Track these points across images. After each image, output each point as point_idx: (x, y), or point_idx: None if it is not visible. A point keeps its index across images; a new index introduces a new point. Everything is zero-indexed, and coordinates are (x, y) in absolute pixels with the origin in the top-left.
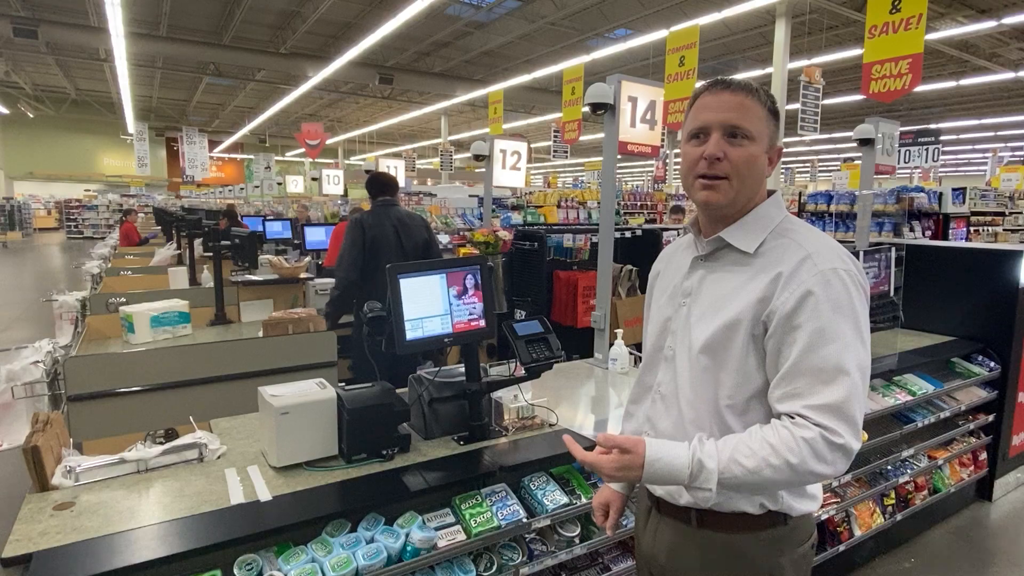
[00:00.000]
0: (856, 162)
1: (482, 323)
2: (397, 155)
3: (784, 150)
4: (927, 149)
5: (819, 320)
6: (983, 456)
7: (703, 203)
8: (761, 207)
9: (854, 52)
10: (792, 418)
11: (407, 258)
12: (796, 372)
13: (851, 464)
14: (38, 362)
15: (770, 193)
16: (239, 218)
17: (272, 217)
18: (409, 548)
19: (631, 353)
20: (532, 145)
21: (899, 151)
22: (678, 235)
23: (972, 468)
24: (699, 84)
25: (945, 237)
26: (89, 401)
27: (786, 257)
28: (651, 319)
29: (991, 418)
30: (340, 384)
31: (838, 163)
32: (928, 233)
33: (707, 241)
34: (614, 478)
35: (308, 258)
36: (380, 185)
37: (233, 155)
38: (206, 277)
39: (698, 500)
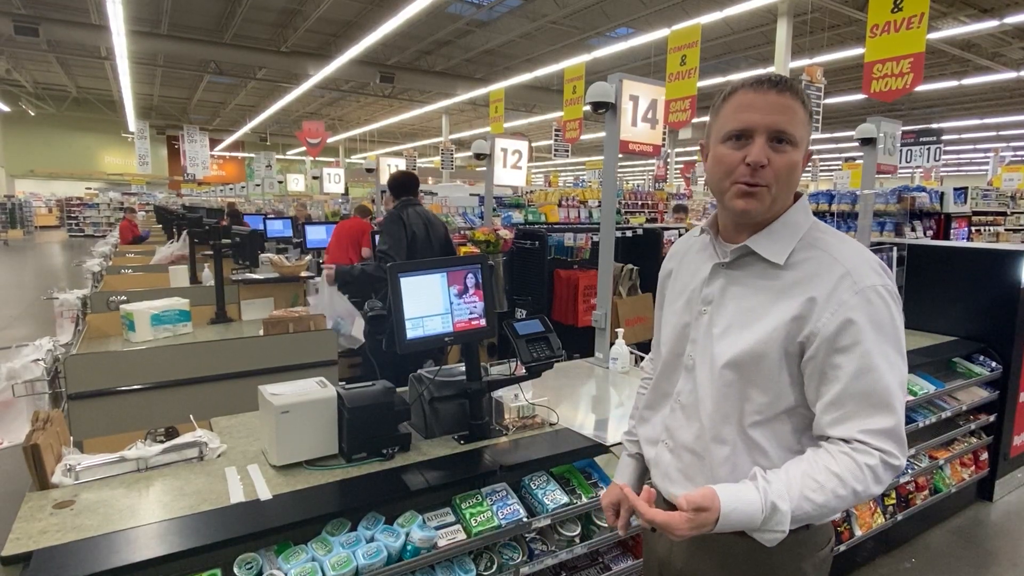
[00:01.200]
0: (857, 161)
1: (483, 322)
2: (398, 154)
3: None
4: (929, 149)
5: (865, 344)
6: (984, 456)
7: (740, 211)
8: (789, 213)
9: (856, 51)
10: (848, 443)
11: (435, 254)
12: (847, 398)
13: None
14: (39, 360)
15: (796, 197)
16: (241, 217)
17: (273, 216)
18: (409, 547)
19: (632, 352)
20: (533, 144)
21: (900, 151)
22: (679, 234)
23: (973, 468)
24: (737, 78)
25: (947, 237)
26: (89, 399)
27: (822, 273)
28: (666, 322)
29: (992, 418)
30: (340, 383)
31: (839, 162)
32: (930, 233)
33: (732, 249)
34: (687, 533)
35: (309, 257)
36: (402, 184)
37: (234, 153)
38: (207, 275)
39: (765, 541)
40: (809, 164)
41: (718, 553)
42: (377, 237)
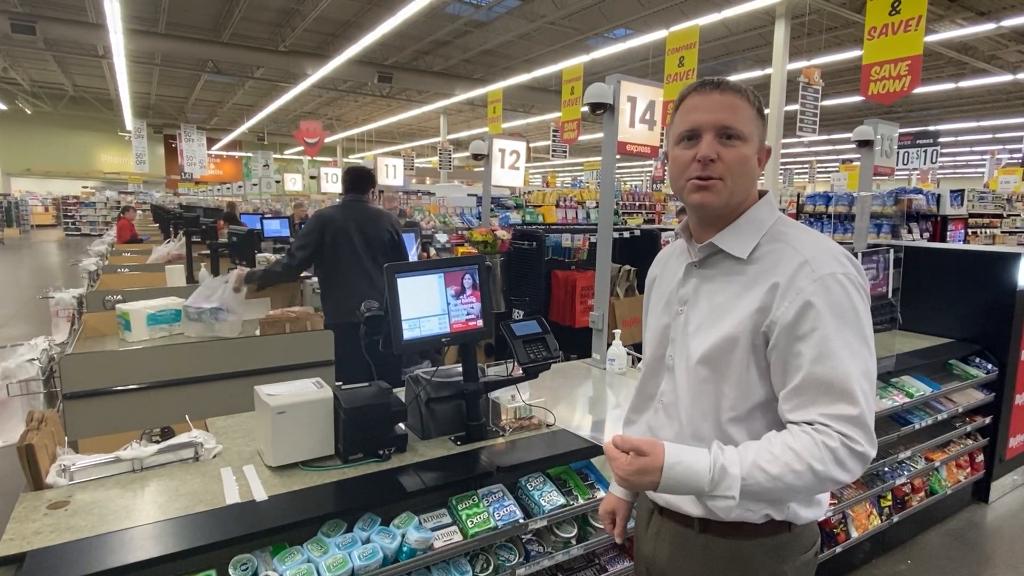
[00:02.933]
0: (855, 163)
1: (480, 323)
2: (396, 154)
3: (783, 151)
4: (926, 151)
5: (823, 330)
6: (980, 458)
7: (698, 205)
8: (752, 210)
9: (853, 53)
10: (810, 424)
11: (372, 256)
12: (807, 385)
13: None
14: (34, 360)
15: (761, 194)
16: (238, 217)
17: (270, 215)
18: (405, 549)
19: (629, 353)
20: (531, 144)
21: (898, 153)
22: (676, 237)
23: (969, 470)
24: (684, 87)
25: (943, 239)
26: (85, 399)
27: (782, 263)
28: (649, 325)
29: (988, 420)
30: (337, 383)
31: (837, 164)
32: (926, 235)
33: (699, 247)
34: (629, 481)
35: None
36: (348, 181)
37: (231, 153)
38: (203, 275)
39: (718, 510)
40: (807, 166)
41: (700, 553)
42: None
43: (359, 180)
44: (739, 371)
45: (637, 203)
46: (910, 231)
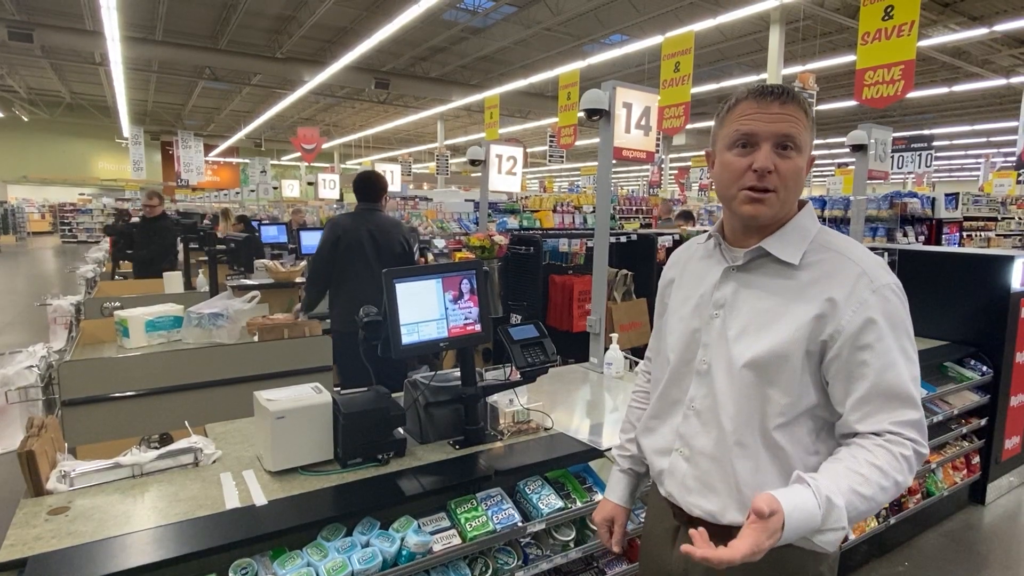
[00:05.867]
0: (850, 167)
1: (478, 327)
2: (393, 159)
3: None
4: (920, 155)
5: (887, 340)
6: (976, 460)
7: (749, 216)
8: (798, 217)
9: (847, 58)
10: (880, 436)
11: (383, 266)
12: (874, 394)
13: None
14: (32, 367)
15: (801, 204)
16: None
17: (267, 221)
18: (404, 552)
19: (626, 357)
20: (528, 150)
21: (892, 157)
22: (673, 240)
23: (965, 472)
24: (741, 87)
25: (938, 242)
26: (84, 406)
27: (839, 273)
28: (672, 330)
29: (984, 422)
30: (335, 388)
31: (832, 168)
32: (921, 238)
33: (745, 252)
34: (763, 549)
35: (303, 262)
36: (360, 187)
37: (229, 159)
38: (201, 281)
39: (826, 544)
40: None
41: (740, 564)
42: None
43: (370, 187)
44: (792, 377)
45: (634, 208)
46: (905, 234)
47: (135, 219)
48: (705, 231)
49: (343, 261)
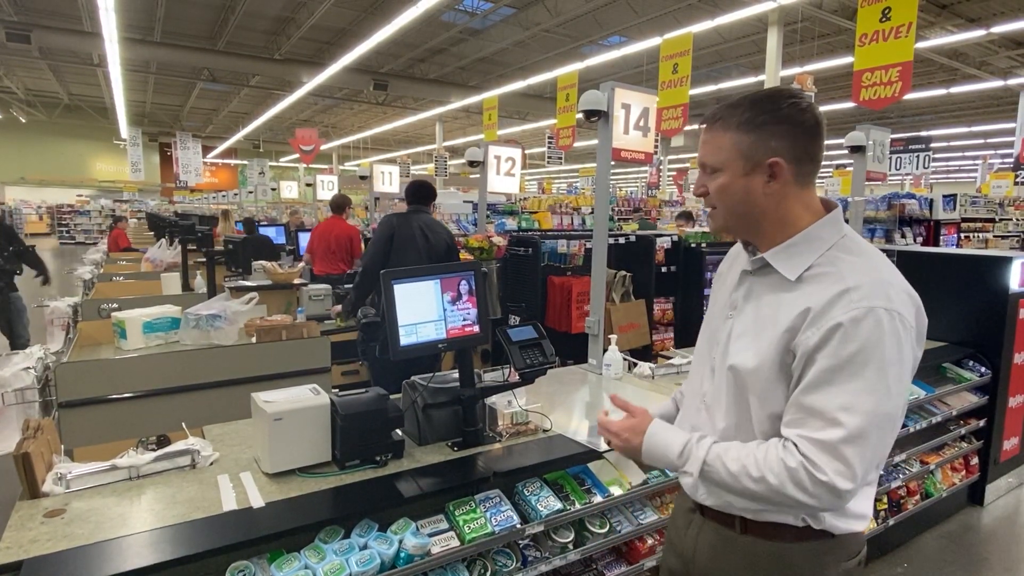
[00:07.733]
0: (848, 169)
1: (476, 329)
2: (392, 161)
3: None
4: (918, 156)
5: (835, 359)
6: (975, 461)
7: (711, 230)
8: (813, 228)
9: (845, 60)
10: (782, 440)
11: (431, 260)
12: (799, 403)
13: None
14: (29, 368)
15: (830, 208)
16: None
17: (266, 222)
18: (403, 554)
19: (625, 359)
20: (526, 151)
21: (890, 158)
22: (671, 241)
23: (964, 473)
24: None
25: (936, 243)
26: (81, 407)
27: (823, 289)
28: (706, 322)
29: (982, 423)
30: (334, 390)
31: (830, 170)
32: (919, 239)
33: (752, 260)
34: (620, 438)
35: (302, 264)
36: (412, 193)
37: (227, 160)
38: (199, 283)
39: (684, 485)
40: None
41: (742, 554)
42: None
43: (423, 193)
44: (767, 388)
45: (632, 209)
46: (903, 235)
47: None
48: (705, 231)
49: (398, 253)
